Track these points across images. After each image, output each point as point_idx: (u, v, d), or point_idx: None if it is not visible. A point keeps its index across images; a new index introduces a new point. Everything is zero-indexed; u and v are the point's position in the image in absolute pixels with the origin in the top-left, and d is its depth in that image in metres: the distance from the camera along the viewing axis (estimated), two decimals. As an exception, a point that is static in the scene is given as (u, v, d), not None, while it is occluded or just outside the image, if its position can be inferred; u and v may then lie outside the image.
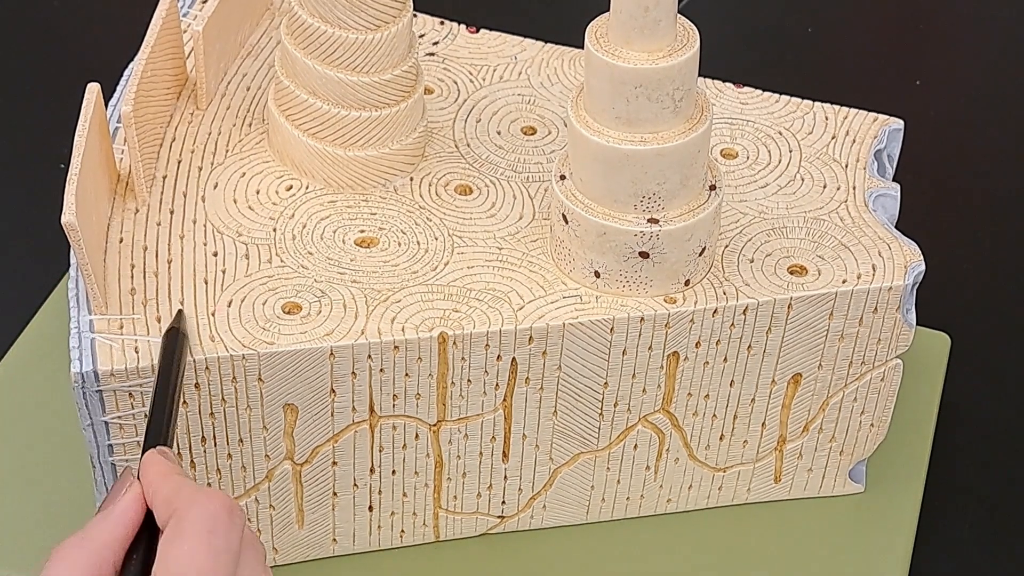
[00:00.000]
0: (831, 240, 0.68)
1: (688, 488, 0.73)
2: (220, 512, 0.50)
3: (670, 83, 0.61)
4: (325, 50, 0.67)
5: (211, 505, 0.50)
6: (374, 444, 0.67)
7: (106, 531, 0.51)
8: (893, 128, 0.75)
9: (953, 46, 1.09)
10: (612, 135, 0.63)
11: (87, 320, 0.63)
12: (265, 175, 0.71)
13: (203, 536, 0.49)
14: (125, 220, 0.68)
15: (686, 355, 0.67)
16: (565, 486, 0.71)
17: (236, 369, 0.62)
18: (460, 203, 0.70)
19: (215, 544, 0.49)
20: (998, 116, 1.02)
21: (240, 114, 0.74)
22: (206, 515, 0.50)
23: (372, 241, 0.68)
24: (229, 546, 0.50)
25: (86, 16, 1.08)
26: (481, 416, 0.67)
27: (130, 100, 0.67)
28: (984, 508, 0.77)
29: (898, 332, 0.68)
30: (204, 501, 0.51)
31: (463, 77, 0.77)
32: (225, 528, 0.50)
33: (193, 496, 0.51)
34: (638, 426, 0.69)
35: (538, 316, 0.65)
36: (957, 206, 0.95)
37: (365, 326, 0.64)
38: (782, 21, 1.10)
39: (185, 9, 0.78)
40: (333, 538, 0.70)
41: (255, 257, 0.66)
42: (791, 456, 0.73)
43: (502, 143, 0.73)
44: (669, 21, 0.61)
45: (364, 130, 0.69)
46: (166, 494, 0.52)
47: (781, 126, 0.74)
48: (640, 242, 0.64)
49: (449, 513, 0.71)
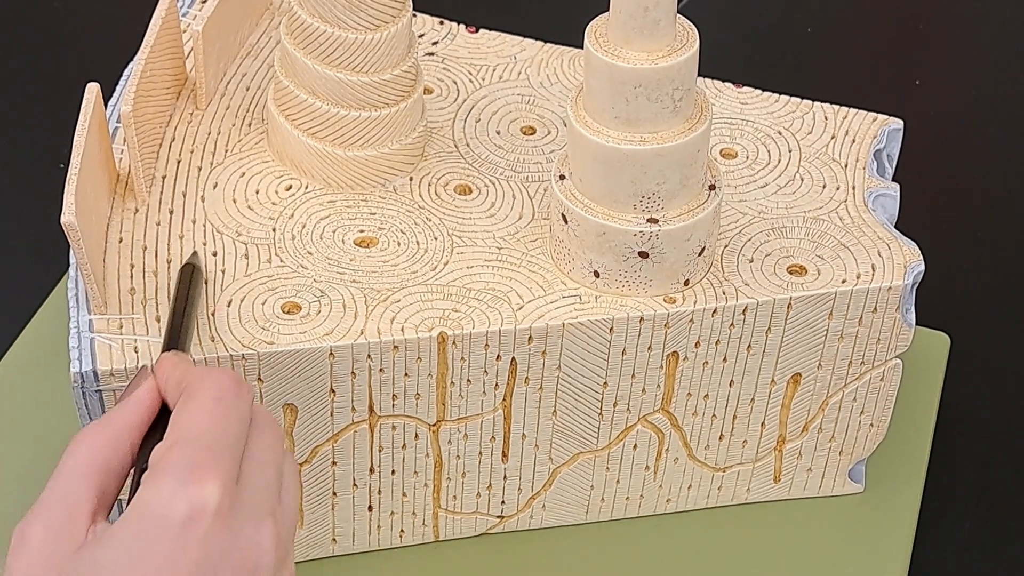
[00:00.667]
0: (831, 240, 0.68)
1: (688, 488, 0.73)
2: (228, 382, 0.52)
3: (670, 83, 0.61)
4: (324, 50, 0.67)
5: (219, 376, 0.52)
6: (374, 444, 0.67)
7: (122, 416, 0.53)
8: (893, 128, 0.75)
9: (953, 46, 1.09)
10: (612, 135, 0.63)
11: (87, 320, 0.63)
12: (264, 175, 0.71)
13: (210, 401, 0.51)
14: (125, 220, 0.68)
15: (686, 355, 0.67)
16: (565, 486, 0.71)
17: (236, 369, 0.62)
18: (460, 203, 0.70)
19: (223, 408, 0.51)
20: (998, 116, 1.02)
21: (240, 114, 0.74)
22: (214, 383, 0.52)
23: (371, 241, 0.68)
24: (238, 413, 0.51)
25: (86, 16, 1.08)
26: (481, 416, 0.67)
27: (130, 100, 0.67)
28: (984, 508, 0.77)
29: (898, 332, 0.68)
30: (212, 373, 0.53)
31: (463, 77, 0.77)
32: (233, 394, 0.52)
33: (202, 372, 0.53)
34: (638, 426, 0.69)
35: (538, 316, 0.65)
36: (957, 206, 0.95)
37: (364, 326, 0.64)
38: (782, 21, 1.10)
39: (185, 9, 0.78)
40: (333, 538, 0.70)
41: (254, 257, 0.67)
42: (791, 456, 0.73)
43: (501, 143, 0.73)
44: (669, 21, 0.61)
45: (363, 130, 0.69)
46: (177, 378, 0.54)
47: (781, 126, 0.74)
48: (639, 242, 0.64)
49: (449, 513, 0.71)
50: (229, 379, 0.52)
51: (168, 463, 0.49)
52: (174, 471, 0.49)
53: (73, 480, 0.51)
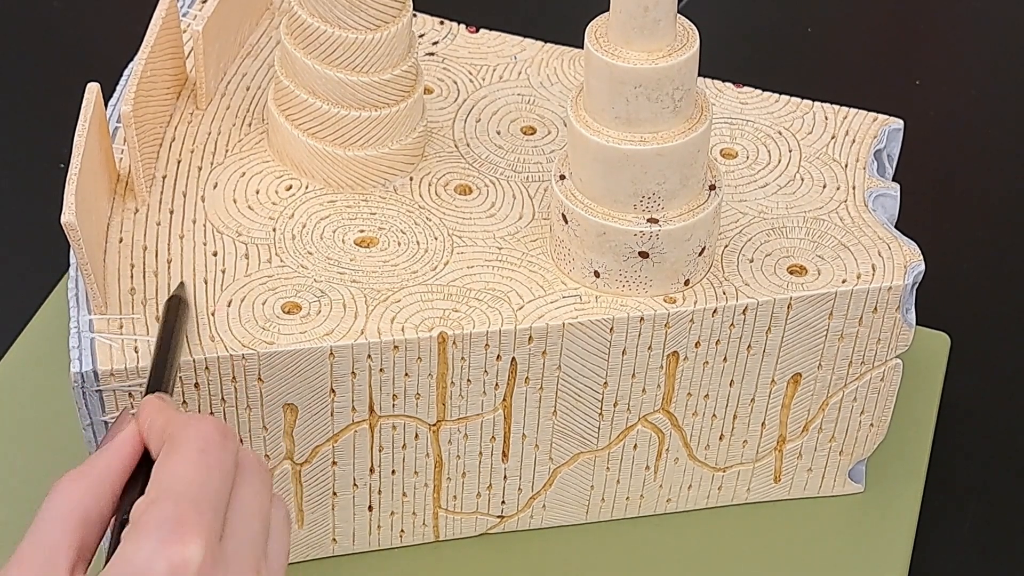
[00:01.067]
0: (831, 240, 0.68)
1: (688, 488, 0.73)
2: (212, 432, 0.51)
3: (670, 83, 0.61)
4: (325, 50, 0.67)
5: (203, 426, 0.51)
6: (374, 444, 0.67)
7: (103, 464, 0.52)
8: (893, 128, 0.75)
9: (953, 46, 1.09)
10: (612, 135, 0.63)
11: (87, 320, 0.63)
12: (265, 175, 0.71)
13: (194, 453, 0.50)
14: (125, 220, 0.68)
15: (686, 355, 0.67)
16: (565, 486, 0.71)
17: (236, 369, 0.62)
18: (460, 203, 0.70)
19: (206, 459, 0.50)
20: (998, 116, 1.02)
21: (240, 114, 0.74)
22: (198, 434, 0.51)
23: (372, 241, 0.68)
24: (222, 464, 0.50)
25: (86, 16, 1.08)
26: (481, 416, 0.67)
27: (130, 100, 0.67)
28: (984, 508, 0.77)
29: (898, 332, 0.68)
30: (196, 423, 0.51)
31: (463, 77, 0.77)
32: (217, 446, 0.50)
33: (186, 420, 0.52)
34: (638, 426, 0.69)
35: (538, 316, 0.65)
36: (957, 206, 0.95)
37: (365, 326, 0.64)
38: (782, 21, 1.10)
39: (185, 9, 0.78)
40: (333, 538, 0.70)
41: (255, 257, 0.66)
42: (791, 456, 0.73)
43: (502, 143, 0.73)
44: (669, 21, 0.61)
45: (364, 130, 0.69)
46: (160, 425, 0.52)
47: (781, 126, 0.74)
48: (640, 242, 0.64)
49: (449, 513, 0.71)
50: (214, 428, 0.51)
51: (150, 519, 0.48)
52: (155, 528, 0.47)
53: (52, 531, 0.49)
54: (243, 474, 0.51)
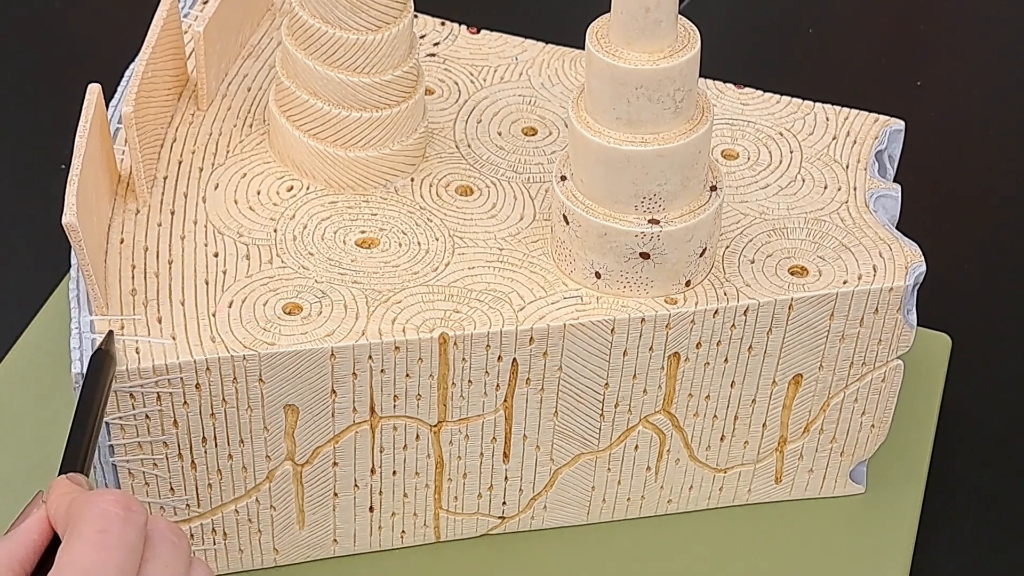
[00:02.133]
0: (832, 241, 0.68)
1: (689, 489, 0.73)
2: (112, 508, 0.50)
3: (671, 84, 0.61)
4: (326, 51, 0.67)
5: (102, 503, 0.50)
6: (375, 445, 0.67)
7: (8, 551, 0.51)
8: (894, 129, 0.75)
9: (954, 46, 1.09)
10: (613, 136, 0.63)
11: (88, 320, 0.63)
12: (266, 176, 0.71)
13: (93, 534, 0.49)
14: (126, 221, 0.68)
15: (687, 356, 0.67)
16: (566, 487, 0.71)
17: (237, 370, 0.62)
18: (461, 204, 0.70)
19: (106, 540, 0.49)
20: (999, 116, 1.02)
21: (241, 115, 0.74)
22: (97, 513, 0.50)
23: (373, 242, 0.68)
24: (123, 542, 0.49)
25: (87, 16, 1.08)
26: (482, 417, 0.67)
27: (131, 101, 0.67)
28: (985, 509, 0.77)
29: (899, 333, 0.68)
30: (96, 500, 0.50)
31: (464, 78, 0.77)
32: (119, 523, 0.49)
33: (86, 499, 0.50)
34: (639, 427, 0.69)
35: (539, 317, 0.65)
36: (958, 207, 0.95)
37: (366, 327, 0.64)
38: (782, 21, 1.10)
39: (186, 10, 0.78)
40: (334, 539, 0.70)
41: (256, 258, 0.66)
42: (792, 457, 0.73)
43: (503, 144, 0.73)
44: (670, 22, 0.61)
45: (365, 131, 0.69)
46: (66, 507, 0.51)
47: (782, 127, 0.74)
48: (641, 243, 0.64)
49: (450, 514, 0.71)
50: (114, 505, 0.50)
51: None
52: None
53: None
54: (153, 547, 0.50)
